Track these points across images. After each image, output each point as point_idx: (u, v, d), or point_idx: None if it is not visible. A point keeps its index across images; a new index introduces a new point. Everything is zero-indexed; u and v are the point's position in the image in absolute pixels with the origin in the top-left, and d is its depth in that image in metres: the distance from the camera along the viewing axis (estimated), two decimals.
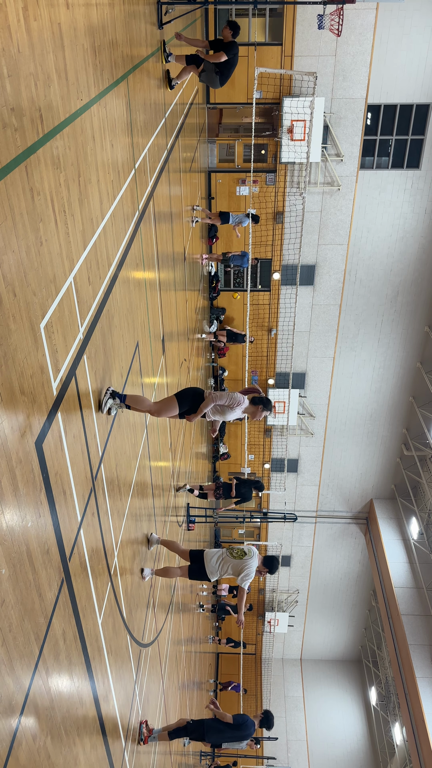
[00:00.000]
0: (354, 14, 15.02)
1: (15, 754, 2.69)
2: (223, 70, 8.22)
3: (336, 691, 27.79)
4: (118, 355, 5.08)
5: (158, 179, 7.11)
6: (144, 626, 6.54)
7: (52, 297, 3.26)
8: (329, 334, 19.59)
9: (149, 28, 6.37)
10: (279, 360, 20.02)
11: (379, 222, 17.69)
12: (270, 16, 15.81)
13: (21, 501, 2.83)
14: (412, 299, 18.70)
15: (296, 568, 25.00)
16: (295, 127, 15.89)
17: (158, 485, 7.80)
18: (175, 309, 9.46)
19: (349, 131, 16.61)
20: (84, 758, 3.88)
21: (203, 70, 8.16)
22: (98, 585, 4.36)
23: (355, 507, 23.29)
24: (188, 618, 12.49)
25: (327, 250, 18.24)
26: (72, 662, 3.62)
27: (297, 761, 25.18)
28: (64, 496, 3.49)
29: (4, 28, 2.67)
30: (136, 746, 5.97)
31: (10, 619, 2.67)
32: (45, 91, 3.14)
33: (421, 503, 20.70)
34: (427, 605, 18.84)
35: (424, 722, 16.27)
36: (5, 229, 2.67)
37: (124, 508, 5.42)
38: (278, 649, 27.95)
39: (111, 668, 4.78)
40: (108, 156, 4.51)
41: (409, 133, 16.58)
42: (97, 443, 4.36)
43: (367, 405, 20.76)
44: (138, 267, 5.94)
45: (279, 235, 17.81)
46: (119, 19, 4.89)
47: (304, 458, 22.06)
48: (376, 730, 25.68)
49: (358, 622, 26.98)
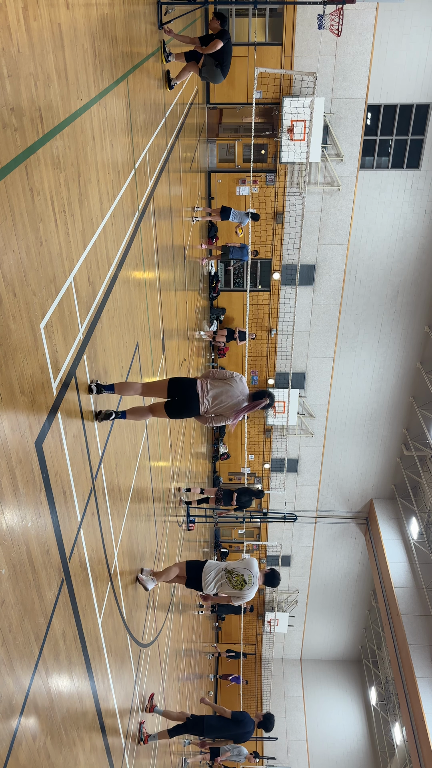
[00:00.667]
0: (354, 14, 15.02)
1: (15, 754, 2.69)
2: (222, 60, 8.16)
3: (336, 691, 27.79)
4: (118, 355, 5.08)
5: (158, 179, 7.10)
6: (144, 626, 6.54)
7: (52, 297, 3.26)
8: (329, 334, 19.60)
9: (149, 28, 6.37)
10: (279, 360, 20.02)
11: (379, 222, 17.69)
12: (270, 16, 15.81)
13: (21, 501, 2.83)
14: (412, 299, 18.70)
15: (296, 568, 25.01)
16: (295, 127, 15.89)
17: (158, 485, 7.80)
18: (175, 309, 9.46)
19: (349, 131, 16.61)
20: (84, 758, 3.88)
21: (203, 65, 8.11)
22: (98, 585, 4.35)
23: (355, 507, 23.29)
24: (188, 618, 12.49)
25: (327, 250, 18.24)
26: (72, 662, 3.62)
27: (297, 761, 25.18)
28: (64, 496, 3.49)
29: (4, 28, 2.67)
30: (136, 746, 5.97)
31: (10, 619, 2.67)
32: (45, 91, 3.14)
33: (421, 503, 20.70)
34: (427, 605, 18.84)
35: (424, 722, 16.27)
36: (5, 229, 2.67)
37: (124, 508, 5.42)
38: (278, 649, 27.95)
39: (111, 668, 4.78)
40: (108, 156, 4.51)
41: (409, 133, 16.58)
42: (97, 443, 4.36)
43: (367, 405, 20.76)
44: (138, 267, 5.94)
45: (279, 235, 17.81)
46: (119, 19, 4.89)
47: (304, 458, 22.07)
48: (376, 730, 25.68)
49: (358, 622, 26.98)
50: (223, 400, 4.97)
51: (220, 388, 4.98)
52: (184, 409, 4.99)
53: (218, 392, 4.97)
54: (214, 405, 4.97)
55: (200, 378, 5.07)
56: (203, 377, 5.09)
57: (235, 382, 5.02)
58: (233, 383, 5.01)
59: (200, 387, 4.97)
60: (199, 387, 4.96)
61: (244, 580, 5.78)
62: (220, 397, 4.97)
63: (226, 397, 4.97)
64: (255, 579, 5.87)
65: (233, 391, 4.99)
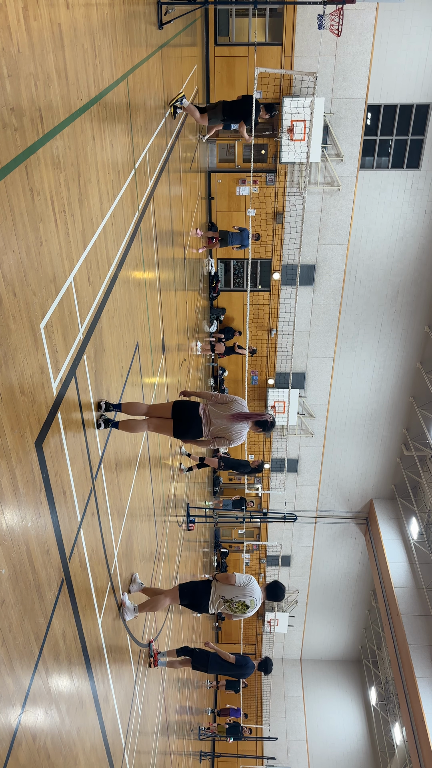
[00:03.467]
0: (354, 14, 15.02)
1: (15, 754, 2.69)
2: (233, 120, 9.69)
3: (336, 691, 27.79)
4: (118, 355, 5.08)
5: (158, 179, 7.11)
6: (144, 626, 6.54)
7: (52, 297, 3.26)
8: (329, 334, 19.60)
9: (149, 28, 6.37)
10: (279, 360, 20.02)
11: (379, 222, 17.69)
12: (270, 16, 15.80)
13: (21, 501, 2.83)
14: (412, 299, 18.70)
15: (296, 568, 25.00)
16: (295, 127, 15.88)
17: (158, 485, 7.81)
18: (175, 309, 9.46)
19: (349, 131, 16.61)
20: (84, 758, 3.88)
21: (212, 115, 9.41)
22: (98, 585, 4.35)
23: (355, 507, 23.30)
24: (188, 618, 12.49)
25: (327, 250, 18.24)
26: (72, 662, 3.62)
27: (297, 761, 25.17)
28: (64, 496, 3.49)
29: (4, 28, 2.67)
30: (136, 746, 5.97)
31: (10, 619, 2.67)
32: (45, 91, 3.14)
33: (421, 503, 20.70)
34: (427, 605, 18.84)
35: (424, 722, 16.27)
36: (5, 229, 2.67)
37: (124, 508, 5.42)
38: (278, 649, 27.95)
39: (111, 668, 4.78)
40: (108, 156, 4.51)
41: (409, 133, 16.58)
42: (97, 443, 4.36)
43: (367, 405, 20.76)
44: (138, 267, 5.94)
45: (279, 235, 17.81)
46: (119, 19, 4.89)
47: (304, 458, 22.07)
48: (376, 730, 25.67)
49: (358, 622, 26.98)
50: (224, 424, 5.02)
51: (222, 412, 5.05)
52: (188, 432, 5.06)
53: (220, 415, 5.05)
54: (214, 428, 5.04)
55: (203, 403, 5.15)
56: (206, 403, 5.15)
57: (236, 406, 5.08)
58: (234, 407, 5.07)
59: (202, 411, 5.05)
60: (201, 411, 5.05)
61: (246, 605, 5.63)
62: (220, 420, 5.03)
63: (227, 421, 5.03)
64: (258, 601, 5.70)
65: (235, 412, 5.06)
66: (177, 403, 5.13)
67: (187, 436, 5.10)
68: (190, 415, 5.03)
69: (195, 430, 5.03)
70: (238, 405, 5.07)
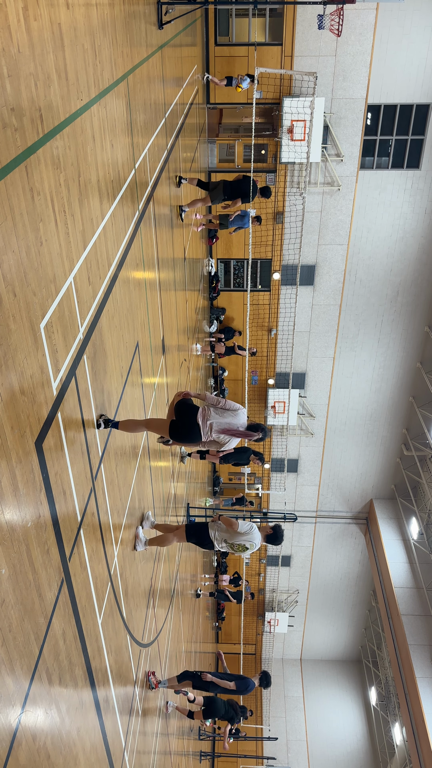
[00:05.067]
0: (354, 14, 15.02)
1: (15, 754, 2.69)
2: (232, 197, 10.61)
3: (336, 691, 27.79)
4: (118, 355, 5.08)
5: (158, 179, 7.10)
6: (144, 626, 6.54)
7: (52, 297, 3.26)
8: (329, 334, 19.60)
9: (149, 28, 6.37)
10: (279, 360, 20.02)
11: (379, 222, 17.69)
12: (270, 16, 15.81)
13: (21, 501, 2.83)
14: (412, 299, 18.70)
15: (296, 568, 25.00)
16: (295, 127, 15.88)
17: (158, 485, 7.80)
18: (175, 309, 9.46)
19: (349, 131, 16.61)
20: (84, 758, 3.88)
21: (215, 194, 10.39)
22: (98, 585, 4.35)
23: (355, 507, 23.30)
24: (188, 618, 12.49)
25: (327, 250, 18.24)
26: (72, 662, 3.62)
27: (297, 761, 25.18)
28: (64, 496, 3.49)
29: (4, 28, 2.67)
30: (136, 746, 5.97)
31: (10, 619, 2.67)
32: (45, 91, 3.14)
33: (421, 503, 20.70)
34: (427, 605, 18.84)
35: (424, 722, 16.27)
36: (5, 229, 2.67)
37: (124, 507, 5.42)
38: (278, 649, 27.95)
39: (111, 668, 4.78)
40: (108, 156, 4.51)
41: (409, 133, 16.58)
42: (96, 443, 4.36)
43: (367, 405, 20.76)
44: (138, 267, 5.94)
45: (279, 235, 17.81)
46: (119, 19, 4.89)
47: (304, 458, 22.07)
48: (376, 730, 25.67)
49: (358, 622, 26.98)
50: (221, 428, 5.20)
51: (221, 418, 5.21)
52: (186, 438, 5.21)
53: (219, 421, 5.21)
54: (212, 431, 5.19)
55: (202, 406, 5.28)
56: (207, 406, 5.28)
57: (237, 415, 5.23)
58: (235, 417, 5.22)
59: (201, 417, 5.17)
60: (200, 417, 5.17)
61: (245, 546, 6.06)
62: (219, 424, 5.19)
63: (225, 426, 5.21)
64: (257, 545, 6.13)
65: (234, 423, 5.23)
66: (179, 405, 5.24)
67: (184, 441, 5.27)
68: (190, 421, 5.18)
69: (193, 436, 5.18)
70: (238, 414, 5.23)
